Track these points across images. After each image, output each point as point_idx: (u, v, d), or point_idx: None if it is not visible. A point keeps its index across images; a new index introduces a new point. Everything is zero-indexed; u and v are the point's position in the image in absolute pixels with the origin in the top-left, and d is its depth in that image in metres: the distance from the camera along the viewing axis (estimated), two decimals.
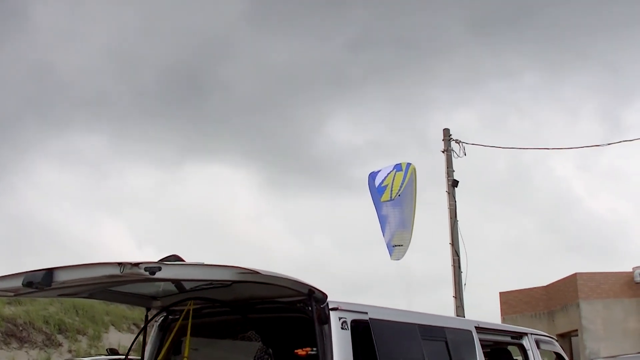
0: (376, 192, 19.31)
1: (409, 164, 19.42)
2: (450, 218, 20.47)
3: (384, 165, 19.90)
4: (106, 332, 28.96)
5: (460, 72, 66.93)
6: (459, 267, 20.08)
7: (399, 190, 18.99)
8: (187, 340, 7.39)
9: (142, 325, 8.25)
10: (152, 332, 8.29)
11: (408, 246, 19.12)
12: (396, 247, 19.12)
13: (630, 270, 30.17)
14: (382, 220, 19.11)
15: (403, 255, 19.18)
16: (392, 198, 19.02)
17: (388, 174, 19.33)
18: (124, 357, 14.98)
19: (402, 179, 19.10)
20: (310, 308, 6.88)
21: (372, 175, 19.74)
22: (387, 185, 19.12)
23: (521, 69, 65.60)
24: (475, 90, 69.72)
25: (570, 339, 30.60)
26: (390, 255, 19.19)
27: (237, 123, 67.11)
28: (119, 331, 29.37)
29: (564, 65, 67.07)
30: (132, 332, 28.99)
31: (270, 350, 7.27)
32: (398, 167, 19.44)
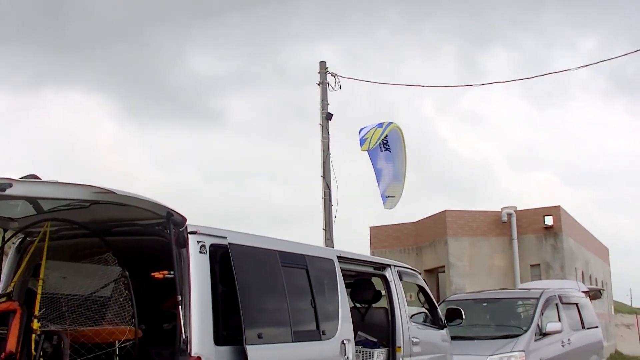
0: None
1: (390, 123, 21.14)
2: (323, 151, 20.46)
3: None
4: None
5: (324, 5, 66.97)
6: (330, 200, 20.17)
7: (376, 142, 20.48)
8: (43, 262, 7.25)
9: (7, 252, 8.07)
10: (10, 254, 8.11)
11: (400, 197, 20.99)
12: (389, 197, 20.82)
13: (499, 210, 30.88)
14: (378, 174, 20.72)
15: (395, 205, 21.03)
16: (370, 149, 20.45)
17: (370, 129, 20.71)
18: None
19: (380, 133, 20.58)
20: (168, 231, 6.81)
21: (360, 131, 21.15)
22: (367, 138, 20.45)
23: (385, 5, 66.01)
24: (339, 25, 70.02)
25: (438, 275, 31.25)
26: (384, 205, 20.81)
27: (97, 50, 65.96)
28: None
29: (427, 3, 67.80)
30: None
31: (127, 273, 7.20)
32: (380, 124, 20.94)
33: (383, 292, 10.88)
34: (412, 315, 11.13)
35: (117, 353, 7.11)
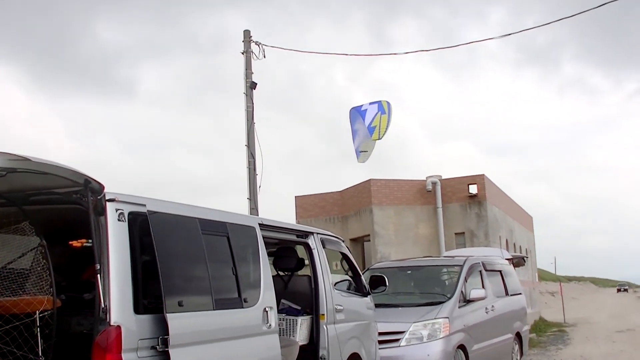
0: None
1: (388, 103, 22.55)
2: (247, 120, 20.42)
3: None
4: None
5: None
6: (255, 169, 20.15)
7: (386, 129, 22.16)
8: None
9: None
10: None
11: (371, 152, 22.47)
12: (362, 152, 22.38)
13: (424, 179, 31.09)
14: (354, 133, 22.60)
15: (367, 159, 22.56)
16: (380, 137, 22.14)
17: (375, 115, 22.31)
18: None
19: (386, 120, 22.22)
20: (86, 199, 6.72)
21: (358, 110, 22.84)
22: (375, 126, 22.14)
23: None
24: None
25: (363, 244, 31.37)
26: (358, 159, 22.51)
27: (3, 18, 64.66)
28: None
29: None
30: None
31: (45, 242, 7.10)
32: (381, 109, 22.43)
33: (306, 260, 10.90)
34: (336, 283, 11.17)
35: (37, 324, 7.02)
